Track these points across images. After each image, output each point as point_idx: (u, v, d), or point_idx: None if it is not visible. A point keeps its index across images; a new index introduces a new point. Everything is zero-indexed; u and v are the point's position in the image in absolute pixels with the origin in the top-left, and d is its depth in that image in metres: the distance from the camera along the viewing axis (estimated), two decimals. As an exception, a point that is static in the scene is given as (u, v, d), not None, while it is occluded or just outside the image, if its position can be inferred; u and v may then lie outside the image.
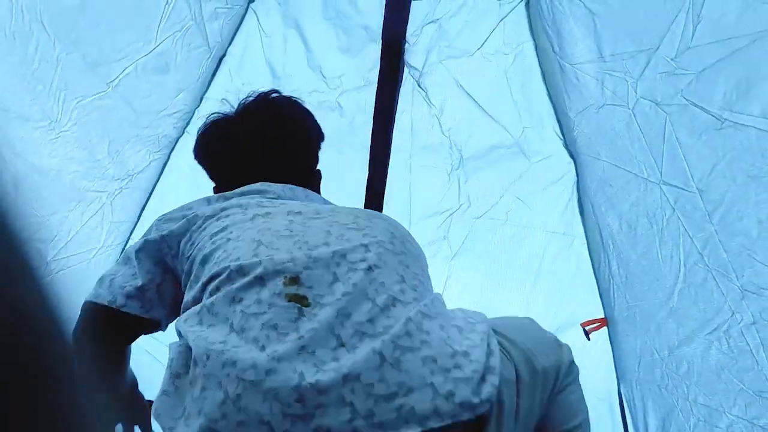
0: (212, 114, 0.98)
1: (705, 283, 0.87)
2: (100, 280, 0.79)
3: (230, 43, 1.44)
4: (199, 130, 0.99)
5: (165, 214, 0.84)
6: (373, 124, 1.33)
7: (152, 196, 1.50)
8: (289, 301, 0.59)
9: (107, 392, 0.84)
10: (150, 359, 1.54)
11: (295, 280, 0.61)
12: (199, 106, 1.46)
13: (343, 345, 0.56)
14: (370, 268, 0.62)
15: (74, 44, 1.03)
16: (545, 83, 1.37)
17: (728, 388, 0.86)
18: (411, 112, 1.47)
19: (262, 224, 0.70)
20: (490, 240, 1.49)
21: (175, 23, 1.21)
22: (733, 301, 0.81)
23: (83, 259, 1.34)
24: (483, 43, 1.36)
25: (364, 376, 0.53)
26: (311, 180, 1.03)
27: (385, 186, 1.40)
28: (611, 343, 1.48)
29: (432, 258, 1.50)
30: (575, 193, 1.42)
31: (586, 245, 1.46)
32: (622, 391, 1.45)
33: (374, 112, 1.32)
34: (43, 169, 1.10)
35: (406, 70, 1.40)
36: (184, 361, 0.61)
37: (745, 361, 0.81)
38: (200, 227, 0.76)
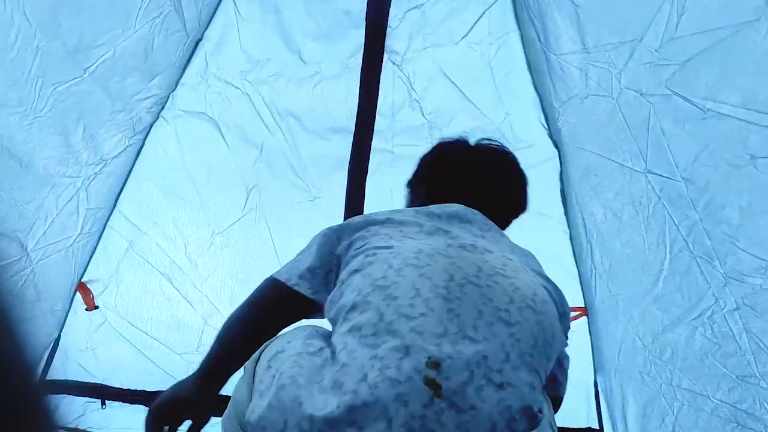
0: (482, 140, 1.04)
1: (690, 270, 0.88)
2: (291, 261, 0.84)
3: (207, 27, 1.41)
4: (457, 141, 1.04)
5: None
6: (358, 105, 1.32)
7: (128, 181, 1.48)
8: (426, 384, 0.60)
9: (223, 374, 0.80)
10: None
11: (437, 365, 0.62)
12: (174, 90, 1.43)
13: None
14: (501, 385, 0.63)
15: (55, 33, 1.03)
16: (531, 73, 1.37)
17: (712, 373, 0.88)
18: (392, 95, 1.46)
19: (425, 267, 0.71)
20: None
21: (155, 9, 1.19)
22: (717, 288, 0.82)
23: (62, 247, 1.33)
24: (468, 32, 1.35)
25: None
26: None
27: (367, 168, 1.39)
28: (590, 332, 1.50)
29: None
30: (558, 182, 1.43)
31: (566, 232, 1.48)
32: (598, 381, 1.48)
33: (359, 89, 1.30)
34: (17, 154, 1.09)
35: (386, 55, 1.38)
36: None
37: (729, 346, 0.82)
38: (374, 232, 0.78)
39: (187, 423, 0.79)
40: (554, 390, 0.86)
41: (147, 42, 1.23)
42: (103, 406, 1.51)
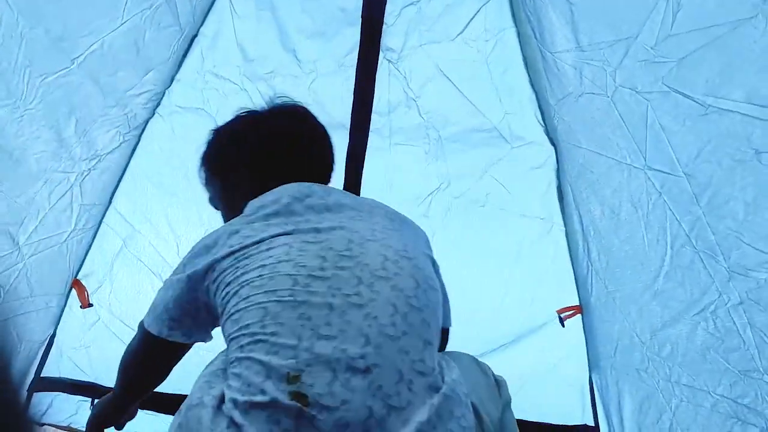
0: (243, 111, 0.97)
1: (692, 265, 0.89)
2: (153, 306, 0.84)
3: (202, 23, 1.39)
4: (232, 120, 0.97)
5: (192, 249, 0.84)
6: (353, 99, 1.31)
7: (123, 177, 1.46)
8: (292, 399, 0.62)
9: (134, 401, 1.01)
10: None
11: (296, 378, 0.64)
12: (170, 86, 1.41)
13: None
14: (367, 370, 0.65)
15: (37, 19, 1.00)
16: (527, 70, 1.37)
17: (713, 368, 0.88)
18: (388, 94, 1.45)
19: (268, 281, 0.71)
20: (469, 221, 1.49)
21: (144, 1, 1.17)
22: (721, 282, 0.83)
23: (55, 243, 1.31)
24: (464, 29, 1.35)
25: None
26: None
27: (363, 166, 1.37)
28: (585, 330, 1.51)
29: None
30: (555, 179, 1.43)
31: (562, 230, 1.49)
32: (593, 378, 1.48)
33: (354, 88, 1.29)
34: (8, 148, 1.07)
35: (382, 54, 1.37)
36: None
37: (732, 340, 0.83)
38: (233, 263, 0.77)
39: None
40: (443, 324, 0.87)
41: (138, 34, 1.20)
42: (92, 407, 1.49)
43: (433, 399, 0.66)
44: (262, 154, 0.92)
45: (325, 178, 0.98)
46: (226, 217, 0.96)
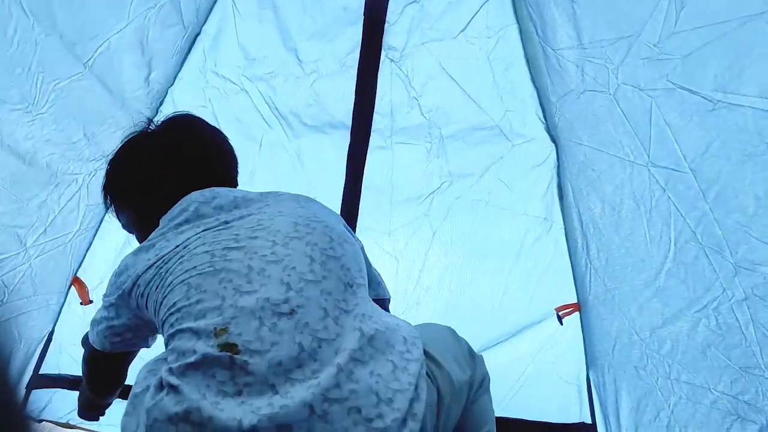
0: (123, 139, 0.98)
1: (696, 261, 0.89)
2: (92, 323, 0.88)
3: (205, 22, 1.39)
4: (111, 157, 0.96)
5: (112, 277, 0.85)
6: (355, 101, 1.30)
7: None
8: (222, 350, 0.63)
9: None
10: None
11: (224, 329, 0.65)
12: (172, 85, 1.41)
13: (276, 393, 0.61)
14: (292, 312, 0.67)
15: (52, 25, 1.02)
16: (529, 67, 1.37)
17: (714, 365, 0.88)
18: (390, 94, 1.44)
19: (187, 263, 0.74)
20: (470, 220, 1.49)
21: (149, 0, 1.18)
22: (726, 278, 0.83)
23: (61, 243, 1.33)
24: (466, 26, 1.34)
25: (295, 428, 0.59)
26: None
27: (364, 165, 1.39)
28: (582, 328, 1.51)
29: (412, 236, 1.50)
30: (556, 177, 1.43)
31: (562, 229, 1.49)
32: (590, 376, 1.49)
33: (356, 87, 1.28)
34: (20, 152, 1.09)
35: (384, 52, 1.36)
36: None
37: (734, 337, 0.83)
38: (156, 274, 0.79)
39: None
40: (375, 294, 0.92)
41: (143, 34, 1.21)
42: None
43: (363, 331, 0.67)
44: (161, 171, 0.91)
45: (231, 181, 0.98)
46: (143, 239, 0.90)
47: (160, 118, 1.00)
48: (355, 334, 0.67)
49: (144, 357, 0.84)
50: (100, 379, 1.01)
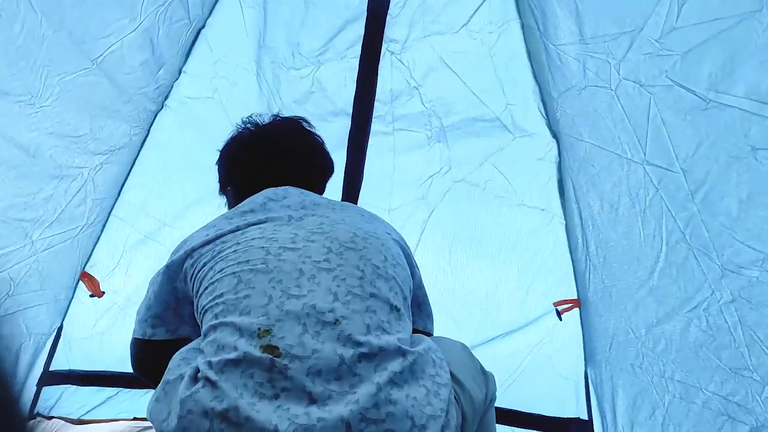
0: (241, 123, 1.08)
1: (686, 262, 0.88)
2: (137, 314, 0.90)
3: (209, 15, 1.39)
4: (228, 138, 1.07)
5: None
6: (356, 88, 1.32)
7: (133, 170, 1.47)
8: (264, 351, 0.64)
9: None
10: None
11: (268, 331, 0.66)
12: (177, 78, 1.43)
13: (313, 402, 0.62)
14: (336, 322, 0.67)
15: (61, 22, 1.03)
16: (531, 62, 1.35)
17: (705, 365, 0.88)
18: (391, 84, 1.45)
19: (242, 255, 0.76)
20: (468, 205, 1.49)
21: None
22: (714, 280, 0.82)
23: (68, 237, 1.33)
24: (468, 20, 1.33)
25: None
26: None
27: (365, 151, 1.39)
28: (582, 324, 1.50)
29: (408, 218, 1.50)
30: (557, 172, 1.42)
31: (562, 224, 1.48)
32: (588, 372, 1.49)
33: (357, 78, 1.30)
34: (23, 144, 1.09)
35: (385, 45, 1.37)
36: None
37: (723, 338, 0.83)
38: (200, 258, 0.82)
39: None
40: (423, 326, 0.95)
41: (153, 32, 1.22)
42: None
43: (405, 356, 0.68)
44: (247, 172, 1.02)
45: (313, 186, 1.02)
46: (230, 207, 1.06)
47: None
48: (398, 357, 0.67)
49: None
50: (146, 374, 0.97)
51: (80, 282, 1.47)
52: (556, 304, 1.51)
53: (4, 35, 0.95)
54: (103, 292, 1.49)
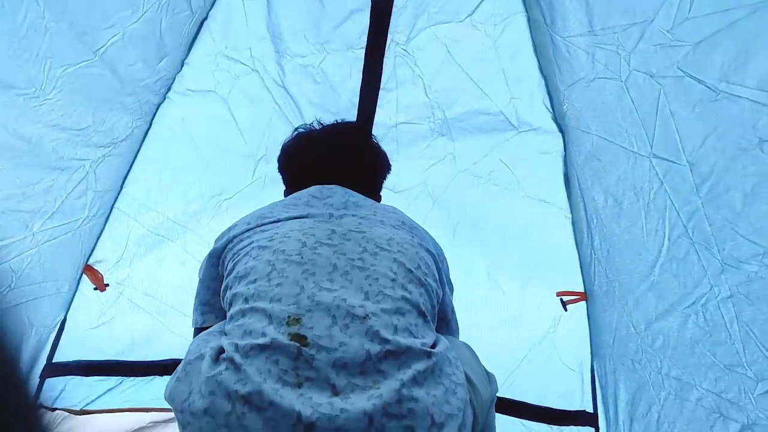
0: (299, 128, 1.16)
1: (687, 257, 0.87)
2: (193, 305, 0.93)
3: (212, 6, 1.39)
4: (285, 141, 1.16)
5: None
6: (361, 83, 1.33)
7: (135, 162, 1.48)
8: (291, 339, 0.65)
9: None
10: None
11: (297, 320, 0.67)
12: (180, 71, 1.43)
13: (336, 394, 0.62)
14: (366, 317, 0.68)
15: (62, 13, 1.02)
16: (536, 55, 1.34)
17: (700, 362, 0.87)
18: (395, 74, 1.44)
19: (278, 244, 0.78)
20: (471, 194, 1.49)
21: None
22: (713, 275, 0.81)
23: (70, 229, 1.33)
24: (474, 10, 1.32)
25: None
26: (374, 198, 1.12)
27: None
28: (588, 317, 1.49)
29: (412, 202, 1.50)
30: (562, 166, 1.41)
31: (568, 218, 1.46)
32: (594, 366, 1.48)
33: (363, 73, 1.29)
34: (25, 136, 1.08)
35: (390, 35, 1.36)
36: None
37: (719, 334, 0.81)
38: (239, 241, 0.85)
39: None
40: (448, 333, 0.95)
41: (155, 24, 1.22)
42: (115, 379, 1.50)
43: (429, 357, 0.68)
44: (300, 176, 1.07)
45: (360, 188, 1.03)
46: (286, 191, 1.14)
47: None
48: (423, 358, 0.67)
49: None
50: None
51: (83, 275, 1.47)
52: (559, 294, 1.50)
53: (7, 26, 0.95)
54: (107, 285, 1.49)
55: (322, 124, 1.15)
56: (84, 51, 1.11)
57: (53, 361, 1.45)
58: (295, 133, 1.14)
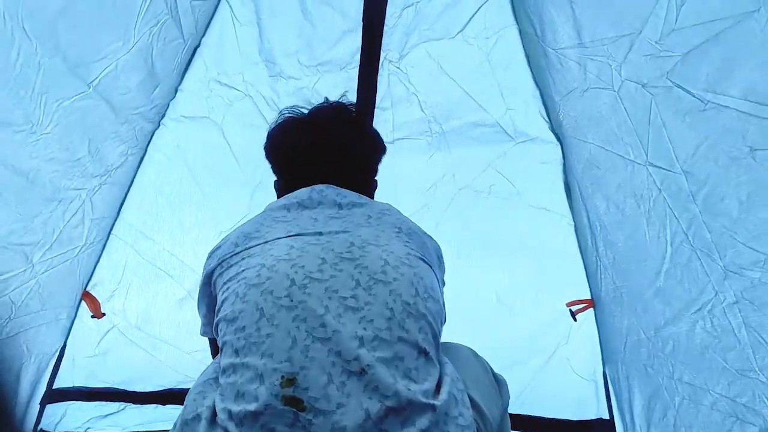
0: (284, 111, 1.05)
1: (690, 263, 0.88)
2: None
3: (204, 33, 1.41)
4: (271, 126, 1.04)
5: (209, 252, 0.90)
6: (356, 96, 1.32)
7: (131, 189, 1.49)
8: (285, 404, 0.61)
9: None
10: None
11: (291, 381, 0.63)
12: (174, 97, 1.45)
13: None
14: (362, 371, 0.64)
15: (55, 48, 1.03)
16: (530, 66, 1.36)
17: (712, 367, 0.88)
18: (390, 92, 1.46)
19: (267, 282, 0.73)
20: (473, 210, 1.49)
21: (152, 18, 1.19)
22: (717, 281, 0.82)
23: (67, 258, 1.34)
24: (464, 27, 1.35)
25: None
26: (368, 186, 1.07)
27: None
28: (597, 324, 1.50)
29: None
30: (561, 174, 1.42)
31: (570, 225, 1.48)
32: (606, 372, 1.48)
33: (357, 93, 1.30)
34: (23, 171, 1.10)
35: (383, 54, 1.38)
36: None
37: (728, 339, 0.82)
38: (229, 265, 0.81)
39: None
40: None
41: (147, 52, 1.23)
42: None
43: (434, 409, 0.64)
44: (287, 167, 1.00)
45: (350, 177, 0.97)
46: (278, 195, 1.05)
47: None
48: (427, 412, 0.63)
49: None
50: None
51: (82, 301, 1.49)
52: (569, 305, 1.51)
53: (2, 65, 0.96)
54: (104, 314, 1.50)
55: (298, 113, 1.05)
56: (78, 84, 1.13)
57: (53, 387, 1.47)
58: (281, 117, 1.05)
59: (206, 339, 1.00)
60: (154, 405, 1.52)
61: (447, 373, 0.72)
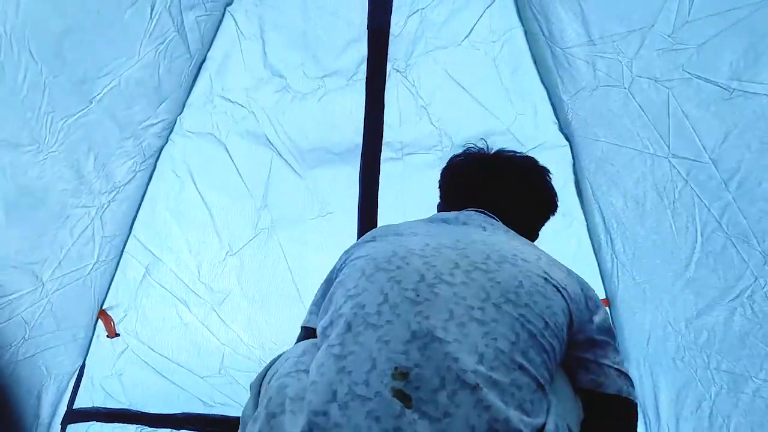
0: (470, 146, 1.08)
1: (725, 251, 0.88)
2: None
3: (209, 48, 1.41)
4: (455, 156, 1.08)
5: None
6: (365, 115, 1.32)
7: (141, 206, 1.47)
8: (394, 396, 0.60)
9: None
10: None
11: (404, 375, 0.61)
12: (181, 112, 1.43)
13: None
14: (476, 387, 0.61)
15: (60, 67, 1.04)
16: (537, 68, 1.37)
17: (753, 353, 0.87)
18: (398, 105, 1.45)
19: (396, 271, 0.72)
20: None
21: (159, 36, 1.20)
22: (756, 267, 0.82)
23: (80, 276, 1.33)
24: (470, 32, 1.35)
25: None
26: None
27: (378, 180, 1.38)
28: (613, 322, 1.49)
29: None
30: (572, 175, 1.42)
31: (583, 226, 1.47)
32: (624, 370, 1.47)
33: (365, 101, 1.29)
34: (31, 190, 1.10)
35: (390, 64, 1.38)
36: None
37: (771, 324, 0.82)
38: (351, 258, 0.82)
39: None
40: (593, 385, 0.78)
41: (153, 68, 1.23)
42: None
43: None
44: (449, 194, 1.06)
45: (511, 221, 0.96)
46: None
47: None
48: None
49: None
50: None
51: (99, 320, 1.48)
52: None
53: (8, 87, 0.97)
54: (118, 334, 1.49)
55: (492, 149, 1.06)
56: (81, 100, 1.13)
57: (74, 407, 1.45)
58: (466, 151, 1.06)
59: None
60: (170, 429, 1.48)
61: (552, 415, 0.67)
